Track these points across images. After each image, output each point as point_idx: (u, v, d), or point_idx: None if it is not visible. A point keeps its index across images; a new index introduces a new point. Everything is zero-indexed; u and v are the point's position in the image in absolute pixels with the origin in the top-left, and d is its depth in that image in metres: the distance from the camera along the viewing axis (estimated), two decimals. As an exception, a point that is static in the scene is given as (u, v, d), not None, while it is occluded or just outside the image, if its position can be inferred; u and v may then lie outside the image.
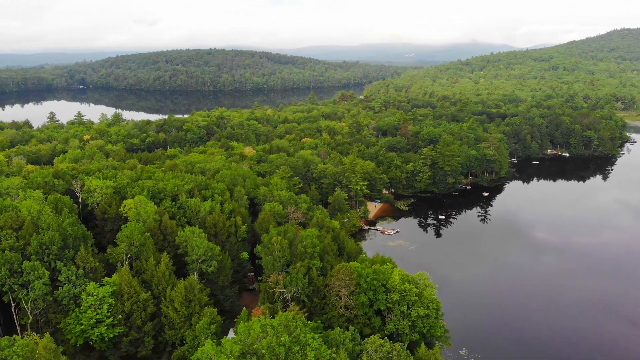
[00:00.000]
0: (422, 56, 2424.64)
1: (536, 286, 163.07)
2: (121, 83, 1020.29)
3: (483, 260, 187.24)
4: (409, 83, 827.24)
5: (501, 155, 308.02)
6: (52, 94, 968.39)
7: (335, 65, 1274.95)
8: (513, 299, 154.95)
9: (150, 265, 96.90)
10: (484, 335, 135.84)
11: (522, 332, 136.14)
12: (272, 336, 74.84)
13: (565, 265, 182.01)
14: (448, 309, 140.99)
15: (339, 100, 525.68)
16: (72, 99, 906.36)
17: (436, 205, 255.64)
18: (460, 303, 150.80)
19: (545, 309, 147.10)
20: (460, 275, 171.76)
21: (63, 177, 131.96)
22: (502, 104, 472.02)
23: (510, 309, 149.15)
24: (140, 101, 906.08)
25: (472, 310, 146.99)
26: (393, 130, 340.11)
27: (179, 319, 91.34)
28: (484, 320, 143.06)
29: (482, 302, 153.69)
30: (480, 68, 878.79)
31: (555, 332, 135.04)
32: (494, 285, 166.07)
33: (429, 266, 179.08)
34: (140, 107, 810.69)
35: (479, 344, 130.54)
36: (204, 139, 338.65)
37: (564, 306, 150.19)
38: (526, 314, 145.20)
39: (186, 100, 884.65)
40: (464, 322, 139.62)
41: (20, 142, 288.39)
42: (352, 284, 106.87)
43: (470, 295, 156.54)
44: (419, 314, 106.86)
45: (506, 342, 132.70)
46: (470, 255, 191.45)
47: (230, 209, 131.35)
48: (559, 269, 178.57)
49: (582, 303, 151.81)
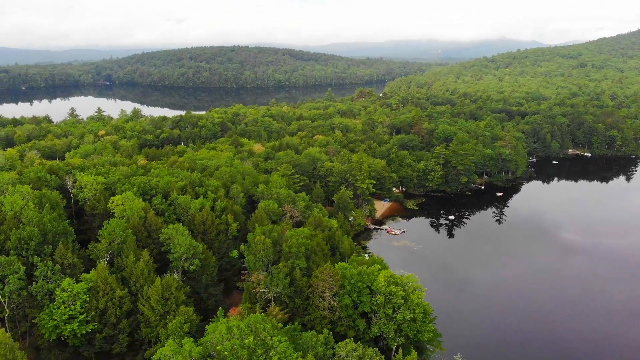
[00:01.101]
0: (449, 53, 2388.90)
1: (540, 290, 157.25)
2: (146, 79, 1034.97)
3: (489, 263, 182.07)
4: (432, 80, 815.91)
5: (518, 154, 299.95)
6: (79, 89, 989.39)
7: (358, 61, 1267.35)
8: (515, 303, 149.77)
9: (130, 262, 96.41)
10: (482, 340, 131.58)
11: (526, 337, 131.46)
12: (237, 338, 73.15)
13: (579, 268, 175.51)
14: (443, 312, 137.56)
15: (357, 97, 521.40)
16: (99, 95, 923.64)
17: (448, 205, 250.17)
18: (458, 305, 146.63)
19: (551, 313, 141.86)
20: (462, 278, 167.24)
21: (57, 173, 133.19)
22: (525, 102, 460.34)
23: (511, 313, 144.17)
24: (165, 97, 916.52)
25: (470, 314, 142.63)
26: (407, 128, 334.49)
27: (155, 317, 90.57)
28: (483, 325, 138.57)
29: (481, 305, 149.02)
30: (506, 65, 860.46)
31: (570, 336, 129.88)
32: (496, 289, 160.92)
33: (430, 267, 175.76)
34: (164, 104, 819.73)
35: (476, 350, 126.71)
36: (218, 135, 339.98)
37: (580, 310, 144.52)
38: (530, 318, 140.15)
39: (209, 96, 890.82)
40: (461, 326, 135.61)
41: (37, 137, 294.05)
42: (336, 285, 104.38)
43: (469, 298, 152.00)
44: (404, 318, 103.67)
45: (504, 347, 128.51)
46: (477, 257, 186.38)
47: (222, 207, 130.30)
48: (575, 272, 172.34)
49: (604, 307, 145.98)
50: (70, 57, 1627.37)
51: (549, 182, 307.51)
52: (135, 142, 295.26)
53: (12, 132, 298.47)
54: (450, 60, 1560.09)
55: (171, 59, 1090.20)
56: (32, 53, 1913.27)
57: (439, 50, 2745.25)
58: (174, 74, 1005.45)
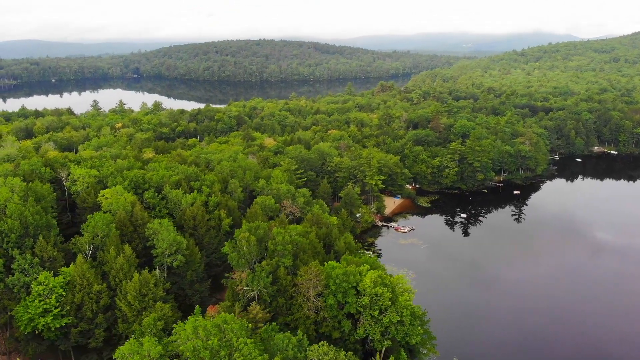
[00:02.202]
0: (480, 46, 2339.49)
1: (541, 296, 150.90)
2: (172, 73, 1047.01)
3: (499, 263, 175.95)
4: (458, 74, 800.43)
5: (538, 151, 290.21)
6: (108, 82, 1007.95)
7: (384, 55, 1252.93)
8: (514, 309, 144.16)
9: (110, 256, 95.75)
10: (476, 342, 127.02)
11: (540, 342, 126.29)
12: (202, 338, 71.28)
13: (609, 268, 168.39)
14: (443, 313, 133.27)
15: (377, 91, 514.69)
16: (127, 88, 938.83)
17: (462, 202, 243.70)
18: (453, 309, 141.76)
19: (576, 315, 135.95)
20: (467, 279, 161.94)
21: (52, 166, 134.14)
22: (551, 97, 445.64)
23: (510, 318, 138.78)
24: (191, 91, 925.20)
25: (462, 318, 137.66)
26: (425, 123, 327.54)
27: (132, 313, 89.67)
28: (479, 328, 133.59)
29: (478, 309, 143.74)
30: (536, 59, 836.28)
31: (603, 339, 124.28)
32: (503, 291, 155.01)
33: (435, 267, 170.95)
34: (190, 97, 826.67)
35: (474, 353, 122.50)
36: (234, 129, 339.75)
37: (610, 311, 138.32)
38: (531, 323, 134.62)
39: (234, 90, 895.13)
40: (450, 329, 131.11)
41: (56, 129, 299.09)
42: (321, 285, 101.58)
43: (473, 300, 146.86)
44: (390, 320, 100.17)
45: (504, 350, 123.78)
46: (487, 258, 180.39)
47: (216, 202, 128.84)
48: (604, 272, 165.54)
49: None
50: (102, 50, 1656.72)
51: (572, 180, 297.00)
52: (151, 135, 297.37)
53: (32, 123, 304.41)
54: (481, 54, 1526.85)
55: (197, 53, 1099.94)
56: (66, 46, 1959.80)
57: (469, 43, 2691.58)
58: (200, 67, 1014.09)
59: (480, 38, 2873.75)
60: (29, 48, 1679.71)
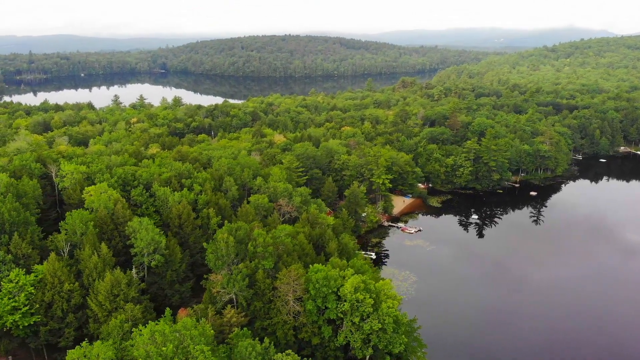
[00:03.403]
0: (512, 42, 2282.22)
1: (555, 303, 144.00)
2: (198, 68, 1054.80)
3: (502, 269, 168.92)
4: (485, 70, 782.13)
5: (559, 151, 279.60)
6: (136, 77, 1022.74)
7: (410, 50, 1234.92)
8: (518, 317, 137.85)
9: (85, 255, 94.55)
10: (470, 352, 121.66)
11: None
12: (158, 344, 68.91)
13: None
14: (434, 321, 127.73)
15: (398, 87, 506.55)
16: (155, 83, 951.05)
17: (475, 203, 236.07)
18: (450, 316, 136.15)
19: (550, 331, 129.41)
20: (470, 285, 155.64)
21: (44, 161, 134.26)
22: (579, 95, 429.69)
23: (513, 329, 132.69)
24: (216, 86, 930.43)
25: (458, 325, 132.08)
26: (442, 120, 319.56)
27: (103, 313, 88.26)
28: (467, 337, 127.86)
29: (477, 317, 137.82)
30: (567, 55, 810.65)
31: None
32: (502, 299, 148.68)
33: (435, 270, 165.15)
34: (216, 92, 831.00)
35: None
36: (249, 125, 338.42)
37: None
38: (527, 332, 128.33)
39: (258, 86, 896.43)
40: (444, 336, 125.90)
41: (72, 123, 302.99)
42: (300, 289, 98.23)
43: (466, 309, 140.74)
44: (372, 328, 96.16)
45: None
46: (492, 262, 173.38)
47: (205, 200, 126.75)
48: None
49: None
50: (133, 46, 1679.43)
51: (595, 181, 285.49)
52: (165, 130, 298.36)
53: (49, 117, 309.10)
54: (512, 50, 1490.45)
55: (223, 48, 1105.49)
56: (98, 41, 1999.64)
57: (501, 38, 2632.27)
58: (225, 62, 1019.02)
59: (512, 33, 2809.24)
60: (63, 43, 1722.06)
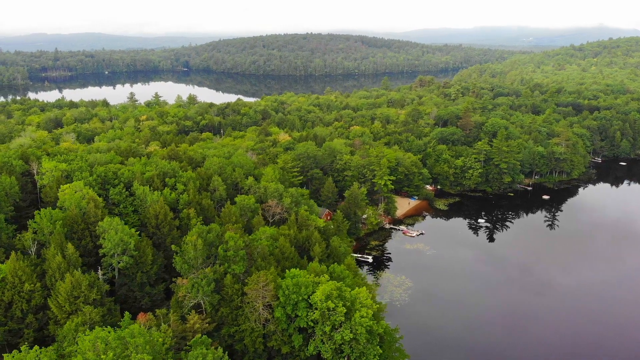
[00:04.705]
0: (541, 40, 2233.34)
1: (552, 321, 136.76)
2: (220, 66, 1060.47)
3: (503, 278, 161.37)
4: (509, 69, 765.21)
5: (575, 153, 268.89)
6: (159, 75, 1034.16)
7: (433, 48, 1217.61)
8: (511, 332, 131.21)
9: (49, 254, 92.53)
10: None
11: None
12: (98, 352, 65.90)
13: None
14: (422, 330, 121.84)
15: (415, 86, 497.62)
16: (178, 81, 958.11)
17: (484, 206, 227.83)
18: (436, 325, 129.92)
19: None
20: (466, 293, 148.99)
21: (28, 158, 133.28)
22: (602, 95, 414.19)
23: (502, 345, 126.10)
24: (237, 85, 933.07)
25: (445, 336, 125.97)
26: (455, 120, 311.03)
27: (62, 315, 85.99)
28: (452, 349, 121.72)
29: (465, 328, 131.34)
30: (595, 54, 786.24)
31: None
32: (495, 311, 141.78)
33: (432, 276, 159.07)
34: (237, 91, 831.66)
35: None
36: (259, 123, 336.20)
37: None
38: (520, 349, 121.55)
39: (278, 84, 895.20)
40: (425, 343, 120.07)
41: (83, 120, 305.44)
42: (269, 296, 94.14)
43: (456, 318, 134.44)
44: (343, 338, 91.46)
45: None
46: (493, 270, 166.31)
47: (186, 200, 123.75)
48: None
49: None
50: (159, 44, 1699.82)
51: (615, 185, 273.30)
52: (174, 128, 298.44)
53: (62, 114, 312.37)
54: (540, 49, 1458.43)
55: (245, 47, 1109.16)
56: (125, 39, 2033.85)
57: (530, 37, 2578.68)
58: (246, 61, 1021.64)
59: (541, 32, 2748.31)
60: (91, 40, 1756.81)
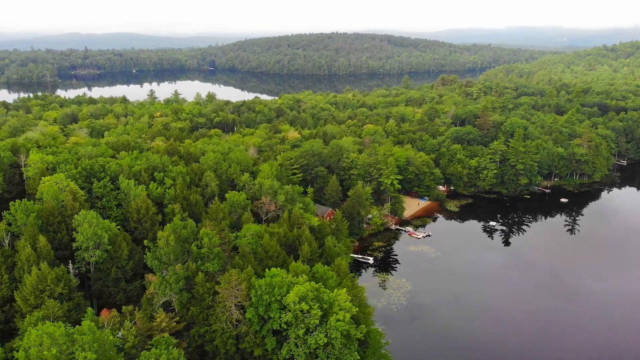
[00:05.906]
0: (575, 41, 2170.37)
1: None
2: (245, 66, 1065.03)
3: (508, 287, 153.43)
4: (537, 69, 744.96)
5: (598, 155, 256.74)
6: (185, 74, 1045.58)
7: (461, 48, 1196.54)
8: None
9: (20, 246, 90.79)
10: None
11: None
12: (45, 347, 63.09)
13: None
14: (411, 332, 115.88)
15: (437, 85, 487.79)
16: (204, 80, 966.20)
17: (498, 209, 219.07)
18: (432, 331, 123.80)
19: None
20: (466, 300, 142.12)
21: (17, 150, 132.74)
22: (632, 96, 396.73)
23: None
24: (262, 84, 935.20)
25: (442, 342, 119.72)
26: (473, 119, 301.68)
27: (27, 308, 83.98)
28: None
29: (462, 336, 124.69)
30: (627, 55, 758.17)
31: None
32: (494, 321, 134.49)
33: (435, 280, 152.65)
34: (262, 90, 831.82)
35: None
36: (273, 121, 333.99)
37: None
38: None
39: (302, 84, 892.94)
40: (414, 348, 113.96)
41: (98, 116, 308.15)
42: (242, 295, 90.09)
43: (454, 321, 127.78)
44: (317, 342, 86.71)
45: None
46: (499, 275, 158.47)
47: (172, 196, 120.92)
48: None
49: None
50: (189, 44, 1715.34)
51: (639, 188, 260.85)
52: (187, 125, 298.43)
53: (78, 110, 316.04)
54: (574, 50, 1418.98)
55: (270, 46, 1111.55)
56: (156, 39, 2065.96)
57: (564, 38, 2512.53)
58: (271, 61, 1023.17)
59: (575, 33, 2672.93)
60: (123, 40, 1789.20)
